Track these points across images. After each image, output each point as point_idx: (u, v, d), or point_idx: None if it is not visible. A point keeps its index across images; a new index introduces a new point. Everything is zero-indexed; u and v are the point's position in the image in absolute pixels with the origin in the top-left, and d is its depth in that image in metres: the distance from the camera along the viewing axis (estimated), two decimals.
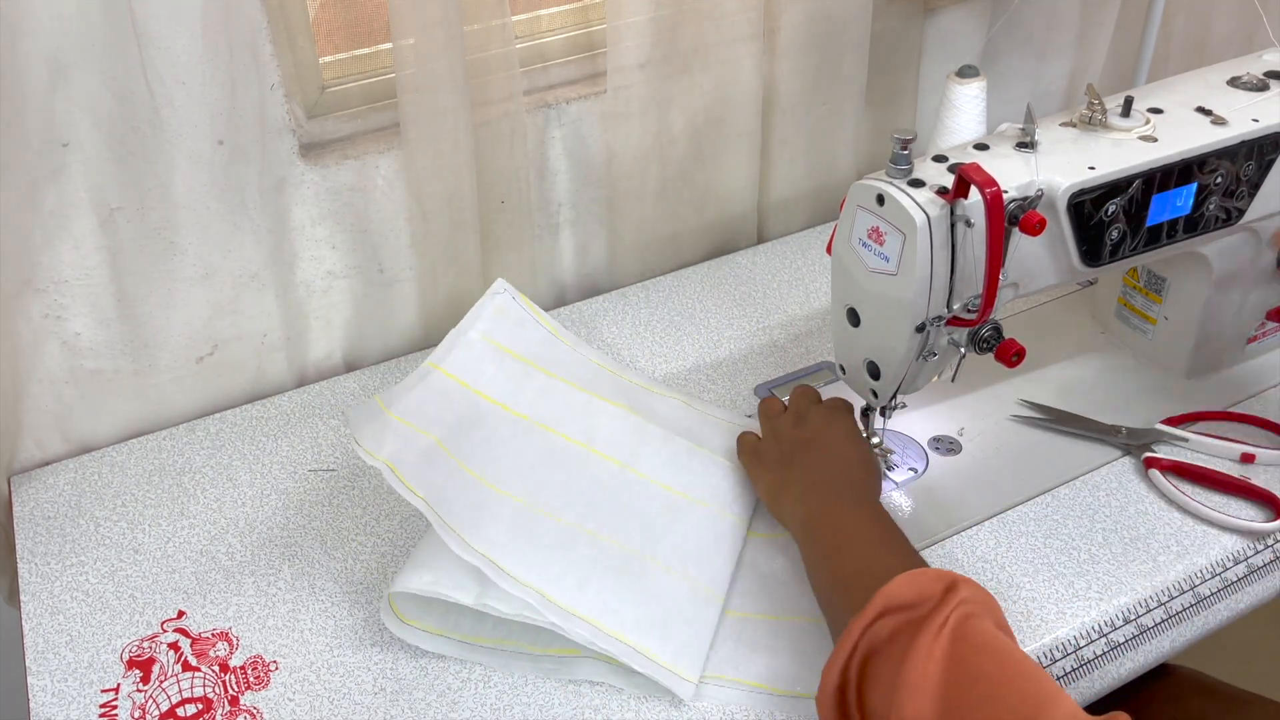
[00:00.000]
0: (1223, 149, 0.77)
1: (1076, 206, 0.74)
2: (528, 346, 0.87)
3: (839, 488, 0.74)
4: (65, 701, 0.71)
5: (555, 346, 0.89)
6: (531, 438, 0.81)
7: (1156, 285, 0.91)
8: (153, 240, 0.87)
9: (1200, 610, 0.75)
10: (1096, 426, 0.87)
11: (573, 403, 0.85)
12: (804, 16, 1.06)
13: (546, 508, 0.76)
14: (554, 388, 0.86)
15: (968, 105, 1.02)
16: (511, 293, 0.89)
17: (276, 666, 0.73)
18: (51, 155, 0.80)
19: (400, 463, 0.73)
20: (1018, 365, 0.74)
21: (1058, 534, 0.79)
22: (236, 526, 0.84)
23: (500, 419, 0.81)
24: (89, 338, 0.89)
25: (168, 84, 0.80)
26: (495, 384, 0.83)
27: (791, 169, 1.16)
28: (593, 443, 0.83)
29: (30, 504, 0.87)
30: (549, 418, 0.83)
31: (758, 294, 1.08)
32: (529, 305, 0.90)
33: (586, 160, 1.06)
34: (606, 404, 0.86)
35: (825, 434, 0.78)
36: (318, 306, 0.99)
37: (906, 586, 0.59)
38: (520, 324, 0.89)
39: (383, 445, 0.74)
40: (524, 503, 0.76)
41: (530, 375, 0.86)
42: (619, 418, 0.86)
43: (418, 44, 0.87)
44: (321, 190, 0.94)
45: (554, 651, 0.72)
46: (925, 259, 0.70)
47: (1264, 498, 0.80)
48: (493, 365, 0.84)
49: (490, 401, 0.82)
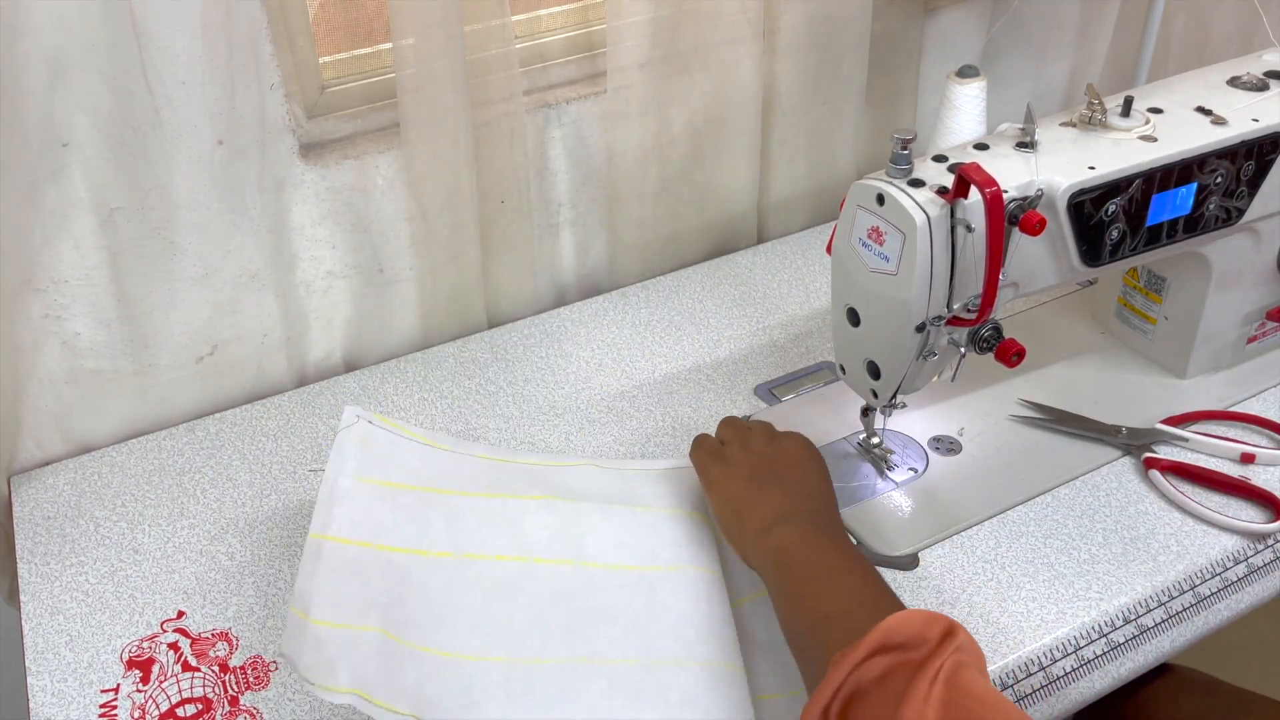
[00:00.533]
0: (1223, 149, 0.77)
1: (1076, 206, 0.74)
2: (409, 471, 0.77)
3: (817, 517, 0.70)
4: (65, 701, 0.71)
5: (437, 458, 0.79)
6: (467, 577, 0.71)
7: (1156, 285, 0.91)
8: (153, 240, 0.87)
9: (1200, 610, 0.75)
10: (1096, 426, 0.87)
11: (488, 517, 0.75)
12: (804, 16, 1.06)
13: (528, 653, 0.68)
14: (459, 507, 0.76)
15: (968, 105, 1.02)
16: (366, 416, 0.79)
17: (276, 667, 0.73)
18: (51, 155, 0.80)
19: (364, 683, 0.63)
20: (1018, 365, 0.75)
21: (1058, 534, 0.79)
22: (236, 526, 0.84)
23: (425, 571, 0.71)
24: (89, 338, 0.89)
25: (168, 84, 0.80)
26: (398, 530, 0.73)
27: (791, 169, 1.16)
28: (531, 552, 0.74)
29: (30, 504, 0.87)
30: (472, 544, 0.73)
31: (758, 294, 1.08)
32: (388, 423, 0.79)
33: (586, 160, 1.06)
34: (522, 501, 0.77)
35: (803, 459, 0.75)
36: (318, 306, 0.99)
37: (903, 625, 0.56)
38: (390, 448, 0.78)
39: (335, 672, 0.63)
40: (504, 660, 0.67)
41: (429, 503, 0.75)
42: (543, 512, 0.76)
43: (418, 44, 0.87)
44: (321, 190, 0.94)
45: None
46: (925, 259, 0.70)
47: (1264, 498, 0.80)
48: (385, 508, 0.74)
49: (404, 553, 0.72)
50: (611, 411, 0.94)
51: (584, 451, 0.89)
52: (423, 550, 0.72)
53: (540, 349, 1.02)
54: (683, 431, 0.91)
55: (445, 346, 1.03)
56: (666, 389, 0.96)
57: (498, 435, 0.92)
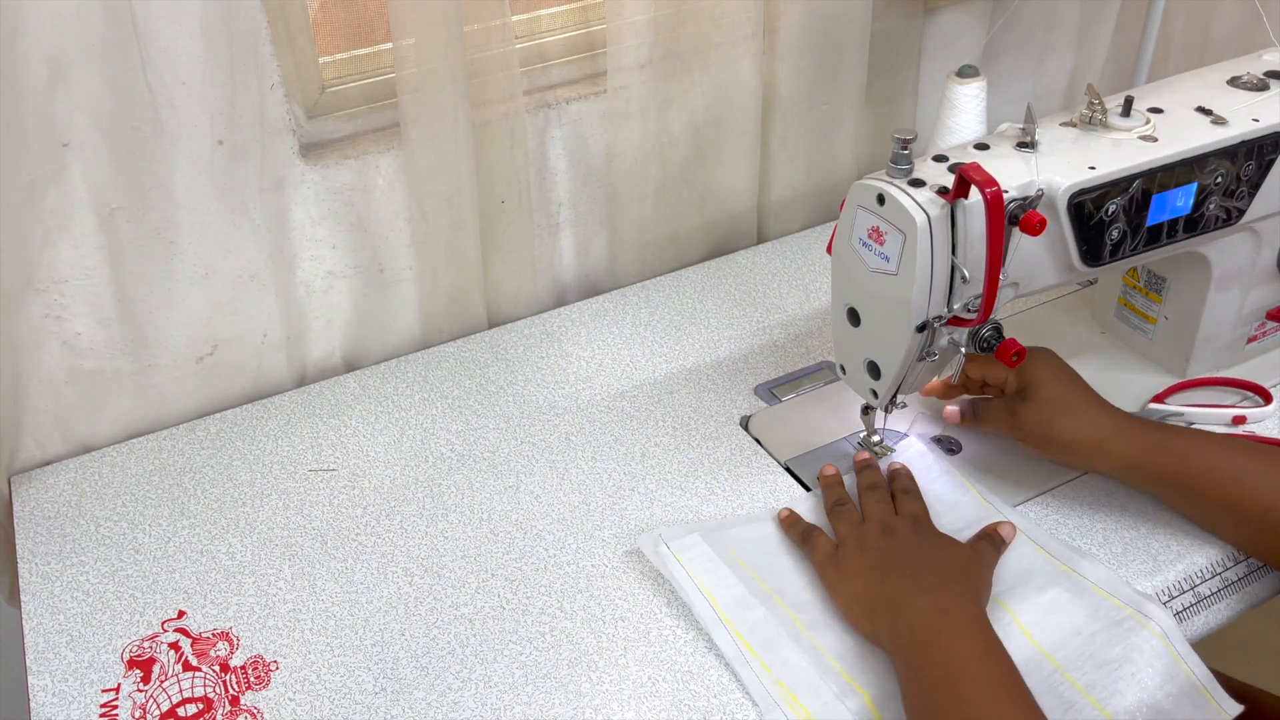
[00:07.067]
0: (1223, 149, 0.77)
1: (1077, 206, 0.74)
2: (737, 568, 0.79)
3: (944, 607, 0.67)
4: (66, 701, 0.71)
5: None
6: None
7: (1156, 285, 0.91)
8: (153, 240, 0.87)
9: (1200, 610, 0.75)
10: None
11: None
12: (804, 16, 1.06)
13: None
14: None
15: (968, 105, 1.02)
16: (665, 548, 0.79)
17: (276, 666, 0.73)
18: (51, 155, 0.80)
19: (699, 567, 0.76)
20: (1018, 365, 0.75)
21: (1058, 534, 0.79)
22: (236, 526, 0.84)
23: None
24: (89, 338, 0.89)
25: (168, 84, 0.80)
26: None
27: (791, 169, 1.16)
28: None
29: (30, 504, 0.87)
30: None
31: (758, 294, 1.08)
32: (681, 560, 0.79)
33: (586, 160, 1.06)
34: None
35: (921, 546, 0.73)
36: (318, 306, 0.99)
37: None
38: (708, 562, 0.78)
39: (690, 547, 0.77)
40: (860, 689, 0.69)
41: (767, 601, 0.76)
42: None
43: (418, 44, 0.87)
44: (321, 190, 0.94)
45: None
46: (925, 259, 0.70)
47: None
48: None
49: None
50: (611, 411, 0.94)
51: (584, 451, 0.89)
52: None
53: (540, 349, 1.02)
54: (683, 431, 0.91)
55: (445, 346, 1.03)
56: (666, 389, 0.96)
57: (498, 435, 0.92)
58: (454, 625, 0.75)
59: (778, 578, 0.76)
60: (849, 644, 0.71)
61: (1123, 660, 0.69)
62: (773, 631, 0.72)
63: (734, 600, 0.74)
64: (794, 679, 0.69)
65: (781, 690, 0.68)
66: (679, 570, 0.76)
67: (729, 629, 0.72)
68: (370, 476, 0.88)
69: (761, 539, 0.79)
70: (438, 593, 0.78)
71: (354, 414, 0.95)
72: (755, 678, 0.69)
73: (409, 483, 0.87)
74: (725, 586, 0.75)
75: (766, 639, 0.71)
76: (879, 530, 0.75)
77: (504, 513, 0.84)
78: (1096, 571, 0.74)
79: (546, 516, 0.84)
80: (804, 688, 0.68)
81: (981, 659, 0.63)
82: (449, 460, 0.90)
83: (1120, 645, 0.69)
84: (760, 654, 0.70)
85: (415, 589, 0.78)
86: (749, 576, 0.76)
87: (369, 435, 0.93)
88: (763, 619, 0.73)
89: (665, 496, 0.85)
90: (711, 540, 0.78)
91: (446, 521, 0.84)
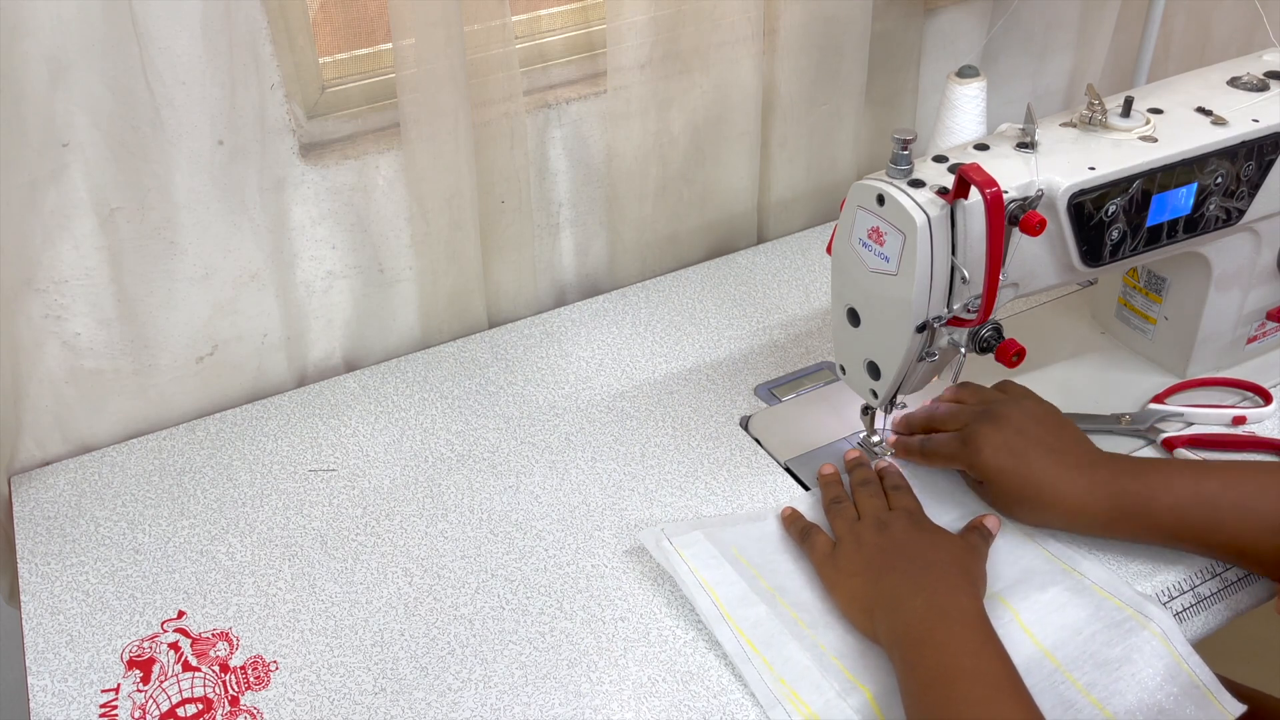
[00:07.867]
0: (1223, 149, 0.77)
1: (1076, 206, 0.74)
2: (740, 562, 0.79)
3: (940, 604, 0.67)
4: (65, 701, 0.71)
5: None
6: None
7: (1156, 285, 0.91)
8: (153, 240, 0.87)
9: (1200, 611, 0.75)
10: (1097, 420, 0.87)
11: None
12: (804, 16, 1.06)
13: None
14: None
15: (968, 105, 1.02)
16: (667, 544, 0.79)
17: (276, 666, 0.73)
18: (51, 155, 0.80)
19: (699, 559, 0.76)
20: (1018, 365, 0.75)
21: (1058, 534, 0.79)
22: (236, 526, 0.84)
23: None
24: (89, 338, 0.89)
25: (168, 84, 0.80)
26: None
27: (791, 169, 1.16)
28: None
29: (30, 504, 0.87)
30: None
31: (758, 294, 1.08)
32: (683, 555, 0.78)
33: (586, 160, 1.06)
34: None
35: (916, 541, 0.72)
36: (318, 306, 0.99)
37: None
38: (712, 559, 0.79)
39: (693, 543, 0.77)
40: (864, 688, 0.69)
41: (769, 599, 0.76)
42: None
43: (418, 44, 0.87)
44: (321, 190, 0.94)
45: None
46: (925, 259, 0.70)
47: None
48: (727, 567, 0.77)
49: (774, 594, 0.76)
50: (611, 411, 0.94)
51: (584, 451, 0.89)
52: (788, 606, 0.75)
53: (540, 349, 1.02)
54: (683, 431, 0.91)
55: (445, 346, 1.03)
56: (666, 389, 0.96)
57: (498, 435, 0.92)
58: (454, 625, 0.75)
59: (779, 577, 0.76)
60: (850, 642, 0.71)
61: (1123, 660, 0.69)
62: (774, 629, 0.72)
63: (736, 597, 0.74)
64: (796, 676, 0.69)
65: (783, 688, 0.68)
66: (681, 566, 0.76)
67: (731, 626, 0.72)
68: (370, 476, 0.88)
69: (763, 538, 0.79)
70: (437, 593, 0.78)
71: (354, 414, 0.95)
72: (757, 675, 0.69)
73: (409, 483, 0.87)
74: (727, 584, 0.75)
75: (768, 636, 0.71)
76: (874, 526, 0.75)
77: (504, 513, 0.84)
78: (1097, 571, 0.74)
79: (546, 516, 0.84)
80: (806, 685, 0.68)
81: (976, 657, 0.63)
82: (449, 460, 0.90)
83: (1121, 645, 0.69)
84: (762, 651, 0.71)
85: (415, 589, 0.78)
86: (751, 575, 0.76)
87: (369, 435, 0.93)
88: (764, 617, 0.73)
89: (665, 496, 0.85)
90: (713, 538, 0.78)
91: (446, 521, 0.84)
